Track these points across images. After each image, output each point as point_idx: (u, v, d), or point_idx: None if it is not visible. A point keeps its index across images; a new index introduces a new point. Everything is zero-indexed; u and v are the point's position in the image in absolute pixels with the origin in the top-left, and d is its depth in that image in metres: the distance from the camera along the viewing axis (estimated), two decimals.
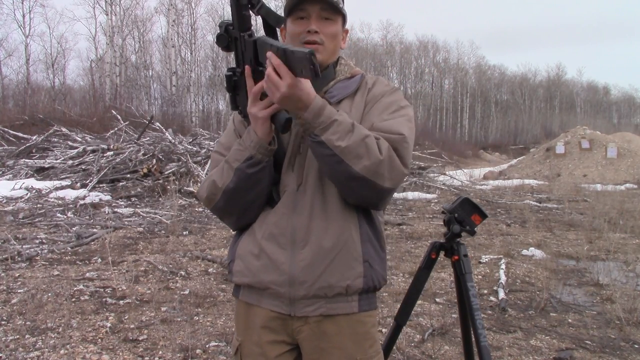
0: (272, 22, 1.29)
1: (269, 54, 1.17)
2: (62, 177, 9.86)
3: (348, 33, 1.52)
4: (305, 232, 1.35)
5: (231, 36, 1.28)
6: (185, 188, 9.33)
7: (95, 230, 6.48)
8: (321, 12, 1.38)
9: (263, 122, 1.28)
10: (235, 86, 1.35)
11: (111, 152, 10.58)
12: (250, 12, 1.25)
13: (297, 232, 1.36)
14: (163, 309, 3.85)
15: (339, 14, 1.41)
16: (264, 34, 1.30)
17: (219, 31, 1.31)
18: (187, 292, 4.29)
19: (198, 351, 3.14)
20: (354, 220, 1.38)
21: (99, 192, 8.99)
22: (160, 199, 8.85)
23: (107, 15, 28.50)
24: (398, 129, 1.35)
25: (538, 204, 10.76)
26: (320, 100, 1.25)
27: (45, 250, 5.47)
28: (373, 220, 1.44)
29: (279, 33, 1.38)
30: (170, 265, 4.99)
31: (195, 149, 11.41)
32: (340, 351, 1.39)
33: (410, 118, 1.42)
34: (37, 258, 5.19)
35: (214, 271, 4.95)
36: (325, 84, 1.44)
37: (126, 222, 7.10)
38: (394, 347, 2.46)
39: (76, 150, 10.98)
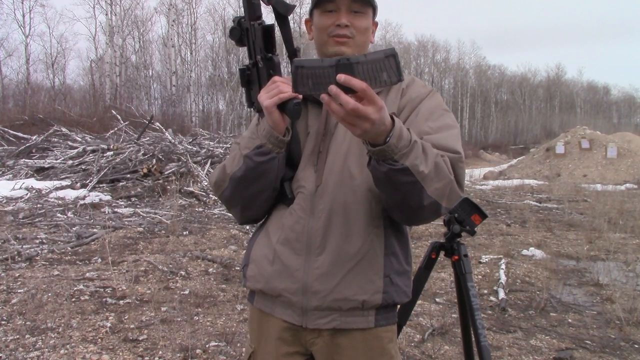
0: (281, 11, 1.25)
1: (344, 77, 0.95)
2: (62, 177, 9.86)
3: (377, 26, 1.44)
4: (322, 238, 1.27)
5: (243, 28, 1.25)
6: (185, 188, 9.33)
7: (95, 230, 6.48)
8: (352, 5, 1.31)
9: (270, 111, 1.19)
10: (249, 80, 1.29)
11: (111, 152, 10.57)
12: (261, 1, 1.23)
13: (313, 238, 1.28)
14: (163, 309, 3.85)
15: (370, 6, 1.34)
16: (275, 24, 1.27)
17: (232, 25, 1.28)
18: (187, 292, 4.29)
19: (198, 351, 3.14)
20: (378, 231, 1.29)
21: (99, 192, 8.98)
22: (160, 199, 8.85)
23: (107, 15, 28.50)
24: (454, 146, 1.25)
25: (538, 204, 10.76)
26: (394, 117, 1.07)
27: (45, 250, 5.46)
28: (401, 231, 1.36)
29: (297, 24, 1.31)
30: (170, 265, 4.99)
31: (195, 149, 11.41)
32: None
33: (459, 131, 1.34)
34: (37, 258, 5.19)
35: (214, 271, 4.96)
36: None
37: (126, 222, 7.10)
38: None
39: (76, 150, 10.96)
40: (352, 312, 1.30)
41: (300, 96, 1.19)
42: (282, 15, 1.26)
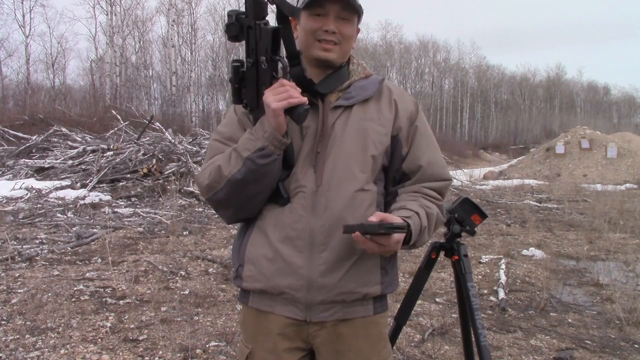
0: (286, 12, 1.25)
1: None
2: (62, 177, 9.85)
3: (359, 32, 1.47)
4: (325, 235, 1.31)
5: (243, 25, 1.22)
6: (185, 188, 9.32)
7: (95, 230, 6.48)
8: (340, 12, 1.34)
9: (277, 114, 1.21)
10: (242, 78, 1.27)
11: (111, 152, 10.56)
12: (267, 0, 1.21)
13: (316, 235, 1.31)
14: (163, 309, 3.85)
15: (356, 13, 1.37)
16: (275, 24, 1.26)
17: (228, 20, 1.24)
18: (187, 292, 4.29)
19: (198, 351, 3.14)
20: None
21: (99, 192, 8.97)
22: (160, 199, 8.84)
23: (107, 15, 28.50)
24: (446, 175, 1.47)
25: (538, 204, 10.76)
26: (407, 221, 1.31)
27: (45, 250, 5.46)
28: None
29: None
30: (170, 265, 4.99)
31: (195, 149, 11.40)
32: (356, 353, 1.37)
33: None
34: (37, 258, 5.19)
35: (214, 271, 4.95)
36: (340, 84, 1.39)
37: (126, 222, 7.10)
38: (394, 347, 2.46)
39: (76, 150, 10.96)
40: (354, 303, 1.37)
41: (308, 102, 1.22)
42: (285, 16, 1.26)
